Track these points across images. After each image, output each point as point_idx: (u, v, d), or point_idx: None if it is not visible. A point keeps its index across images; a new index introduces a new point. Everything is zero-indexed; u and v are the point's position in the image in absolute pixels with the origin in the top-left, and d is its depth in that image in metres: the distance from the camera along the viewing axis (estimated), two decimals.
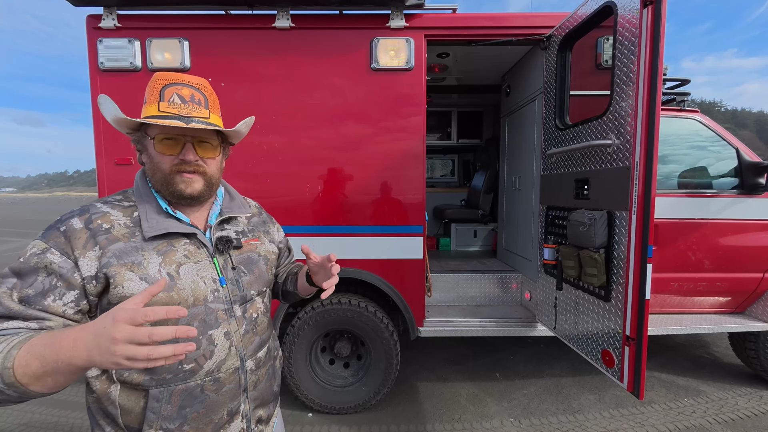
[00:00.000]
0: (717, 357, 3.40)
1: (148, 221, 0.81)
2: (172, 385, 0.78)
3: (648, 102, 1.55)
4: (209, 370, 0.81)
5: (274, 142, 2.33)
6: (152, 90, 0.81)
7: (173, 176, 0.82)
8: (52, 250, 0.72)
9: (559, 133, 2.28)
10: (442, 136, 4.93)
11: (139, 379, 0.77)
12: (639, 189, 1.60)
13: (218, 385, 0.83)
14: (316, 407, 2.53)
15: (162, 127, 0.80)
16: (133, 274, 0.75)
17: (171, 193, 0.84)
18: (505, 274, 2.98)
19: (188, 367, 0.79)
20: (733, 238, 2.56)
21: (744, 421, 2.47)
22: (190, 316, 0.79)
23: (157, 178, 0.83)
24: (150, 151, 0.83)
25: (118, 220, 0.80)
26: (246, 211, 1.01)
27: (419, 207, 2.41)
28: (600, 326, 1.87)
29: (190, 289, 0.80)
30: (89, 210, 0.79)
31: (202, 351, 0.80)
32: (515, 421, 2.48)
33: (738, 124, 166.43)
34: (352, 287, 2.63)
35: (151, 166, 0.84)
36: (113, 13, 2.20)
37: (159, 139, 0.81)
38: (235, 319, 0.87)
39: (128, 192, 0.88)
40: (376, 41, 2.28)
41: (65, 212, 0.80)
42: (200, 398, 0.81)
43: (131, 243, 0.78)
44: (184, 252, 0.83)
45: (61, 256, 0.72)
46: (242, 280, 0.90)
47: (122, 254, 0.76)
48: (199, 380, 0.80)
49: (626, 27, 1.67)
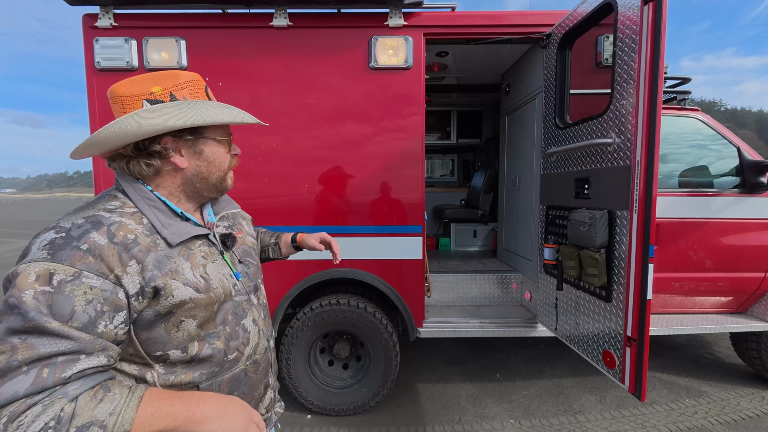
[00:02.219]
0: (718, 357, 3.39)
1: (167, 227, 0.77)
2: (221, 376, 0.81)
3: (649, 100, 1.53)
4: (249, 355, 0.88)
5: (272, 141, 2.31)
6: (197, 91, 0.81)
7: (227, 173, 0.88)
8: (85, 274, 0.63)
9: (559, 132, 2.26)
10: (441, 135, 4.92)
11: (188, 378, 0.77)
12: (640, 188, 1.58)
13: (256, 366, 0.90)
14: (315, 409, 2.51)
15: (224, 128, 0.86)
16: (177, 282, 0.74)
17: (219, 190, 0.88)
18: (505, 274, 2.96)
19: (232, 356, 0.84)
20: (735, 237, 2.54)
21: (746, 422, 2.45)
22: (223, 311, 0.83)
23: (215, 178, 0.86)
24: (211, 153, 0.84)
25: (135, 229, 0.73)
26: (236, 207, 1.04)
27: (418, 207, 2.39)
28: (601, 327, 1.86)
29: (220, 287, 0.82)
30: (102, 222, 0.70)
31: (241, 339, 0.86)
32: (516, 422, 2.47)
33: (738, 123, 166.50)
34: (351, 288, 2.62)
35: (207, 168, 0.83)
36: (109, 13, 2.18)
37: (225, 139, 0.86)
38: (254, 306, 0.93)
39: (119, 197, 0.78)
40: (375, 40, 2.26)
41: (61, 225, 0.68)
42: (245, 381, 0.87)
43: (160, 252, 0.74)
44: (201, 253, 0.82)
45: (98, 278, 0.64)
46: (250, 272, 0.96)
47: (160, 264, 0.73)
48: (242, 366, 0.86)
49: (627, 24, 1.65)
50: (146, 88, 0.75)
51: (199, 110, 0.77)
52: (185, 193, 0.84)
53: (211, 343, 0.80)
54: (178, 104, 0.75)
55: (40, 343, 0.58)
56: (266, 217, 2.33)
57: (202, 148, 0.82)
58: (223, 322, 0.82)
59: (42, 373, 0.58)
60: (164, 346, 0.74)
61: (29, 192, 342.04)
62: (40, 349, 0.58)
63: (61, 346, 0.59)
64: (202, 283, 0.78)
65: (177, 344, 0.75)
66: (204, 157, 0.83)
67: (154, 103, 0.75)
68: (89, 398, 0.59)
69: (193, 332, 0.77)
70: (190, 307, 0.75)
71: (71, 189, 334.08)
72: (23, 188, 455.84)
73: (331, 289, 2.61)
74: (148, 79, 0.77)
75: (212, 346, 0.79)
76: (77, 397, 0.59)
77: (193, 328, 0.77)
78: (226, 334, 0.82)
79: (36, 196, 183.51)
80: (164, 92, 0.76)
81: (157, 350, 0.74)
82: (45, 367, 0.58)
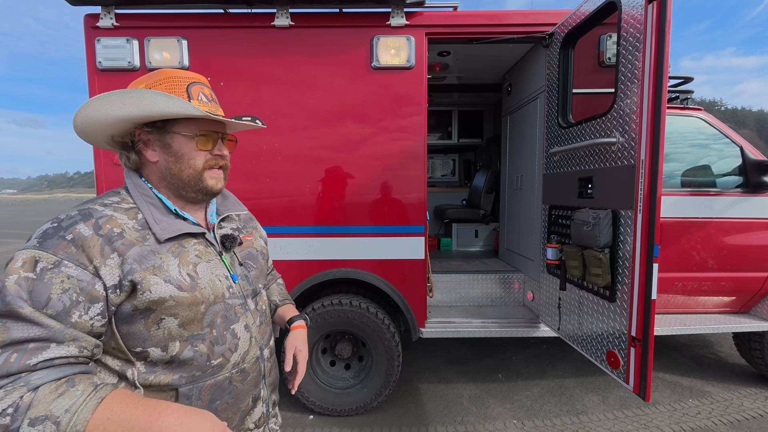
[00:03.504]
0: (721, 357, 3.38)
1: (158, 223, 0.77)
2: (202, 381, 0.78)
3: (653, 99, 1.52)
4: (235, 362, 0.84)
5: (273, 141, 2.31)
6: (174, 87, 0.79)
7: (204, 173, 0.83)
8: (65, 263, 0.65)
9: (561, 132, 2.25)
10: (442, 135, 4.91)
11: (167, 380, 0.75)
12: (644, 187, 1.58)
13: (244, 375, 0.86)
14: (317, 409, 2.50)
15: (201, 123, 0.82)
16: (157, 278, 0.73)
17: (199, 190, 0.84)
18: (507, 274, 2.95)
19: (216, 362, 0.80)
20: (738, 237, 2.53)
21: (749, 422, 2.44)
22: (212, 313, 0.80)
23: (186, 175, 0.82)
24: (179, 148, 0.81)
25: (125, 223, 0.74)
26: (243, 209, 1.03)
27: (420, 207, 2.39)
28: (605, 327, 1.85)
29: (209, 287, 0.80)
30: (92, 214, 0.71)
31: (228, 345, 0.82)
32: (518, 422, 2.46)
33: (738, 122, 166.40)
34: (353, 288, 2.61)
35: (176, 164, 0.81)
36: (111, 13, 2.18)
37: (199, 135, 0.83)
38: (250, 312, 0.90)
39: (121, 193, 0.81)
40: (377, 39, 2.26)
41: (58, 216, 0.71)
42: (228, 389, 0.82)
43: (146, 246, 0.74)
44: (195, 252, 0.82)
45: (77, 268, 0.66)
46: (250, 275, 0.93)
47: (142, 259, 0.72)
48: (227, 373, 0.82)
49: (631, 23, 1.64)
50: (133, 85, 0.80)
51: (139, 100, 0.73)
52: (169, 189, 0.84)
53: (194, 345, 0.77)
54: (122, 92, 0.72)
55: (14, 328, 0.60)
56: (268, 217, 2.32)
57: (169, 142, 0.81)
58: (210, 325, 0.80)
59: (10, 358, 0.59)
60: (144, 342, 0.74)
61: (30, 193, 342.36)
62: (12, 333, 0.60)
63: (31, 332, 0.61)
64: (187, 281, 0.77)
65: (157, 342, 0.74)
66: (172, 152, 0.81)
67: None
68: (50, 390, 0.59)
69: (174, 331, 0.75)
70: (171, 305, 0.74)
71: (72, 189, 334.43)
72: (24, 189, 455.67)
73: (333, 290, 2.60)
74: (143, 77, 0.81)
75: (195, 348, 0.77)
76: (38, 387, 0.59)
77: (174, 327, 0.75)
78: (212, 337, 0.79)
79: (36, 196, 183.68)
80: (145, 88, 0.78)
81: (136, 346, 0.73)
82: (14, 353, 0.59)
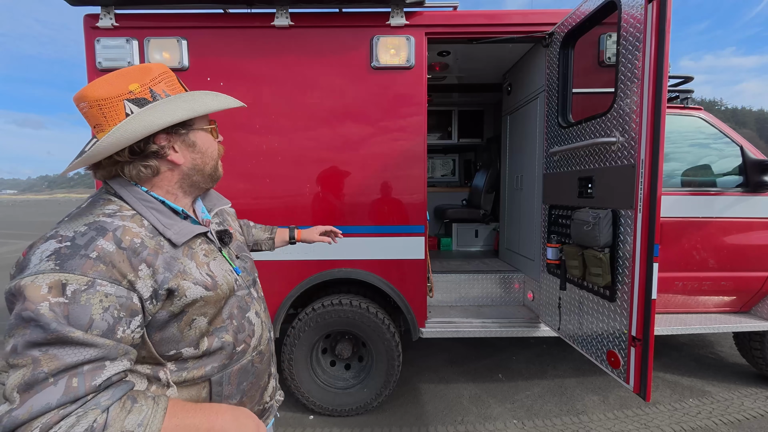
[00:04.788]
0: (721, 357, 3.38)
1: (170, 228, 0.76)
2: (230, 368, 0.83)
3: (654, 99, 1.52)
4: (255, 346, 0.90)
5: (273, 142, 2.31)
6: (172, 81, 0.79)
7: (218, 161, 0.88)
8: (98, 282, 0.62)
9: (561, 131, 2.25)
10: (442, 135, 4.91)
11: (201, 372, 0.79)
12: (645, 187, 1.58)
13: (261, 356, 0.93)
14: (317, 409, 2.50)
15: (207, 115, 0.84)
16: (187, 282, 0.74)
17: (214, 179, 0.88)
18: (507, 274, 2.95)
19: (240, 348, 0.86)
20: (738, 236, 2.53)
21: (750, 421, 2.44)
22: (229, 305, 0.84)
23: (209, 168, 0.86)
24: (202, 143, 0.83)
25: (139, 232, 0.71)
26: (227, 203, 1.01)
27: (420, 207, 2.39)
28: (605, 327, 1.85)
29: (225, 283, 0.83)
30: (106, 228, 0.68)
31: (248, 332, 0.88)
32: (519, 422, 2.46)
33: (738, 122, 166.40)
34: (353, 288, 2.61)
35: (202, 159, 0.84)
36: (111, 13, 2.18)
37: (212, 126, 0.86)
38: (255, 300, 0.95)
39: (113, 200, 0.75)
40: (376, 39, 2.26)
41: (63, 233, 0.66)
42: (251, 371, 0.89)
43: (166, 253, 0.73)
44: (203, 251, 0.82)
45: (112, 285, 0.64)
46: (247, 266, 0.98)
47: (169, 266, 0.72)
48: (249, 357, 0.88)
49: (630, 23, 1.64)
50: (123, 87, 0.72)
51: (191, 102, 0.76)
52: (182, 189, 0.84)
53: (220, 336, 0.81)
54: (171, 100, 0.75)
55: (64, 354, 0.57)
56: (269, 217, 2.32)
57: (194, 140, 0.81)
58: (230, 316, 0.84)
59: (72, 383, 0.57)
60: (177, 344, 0.75)
61: (30, 193, 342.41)
62: (65, 359, 0.57)
63: (86, 354, 0.59)
64: (210, 280, 0.79)
65: (189, 342, 0.76)
66: (198, 149, 0.82)
67: (137, 101, 0.72)
68: (119, 409, 0.60)
69: (204, 329, 0.78)
70: (201, 305, 0.76)
71: (72, 190, 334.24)
72: (24, 189, 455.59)
73: (333, 290, 2.60)
74: (119, 77, 0.73)
75: (222, 339, 0.81)
76: (109, 407, 0.59)
77: (204, 325, 0.78)
78: (234, 327, 0.84)
79: (37, 197, 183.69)
80: (143, 89, 0.73)
81: (170, 350, 0.74)
82: (73, 377, 0.57)
